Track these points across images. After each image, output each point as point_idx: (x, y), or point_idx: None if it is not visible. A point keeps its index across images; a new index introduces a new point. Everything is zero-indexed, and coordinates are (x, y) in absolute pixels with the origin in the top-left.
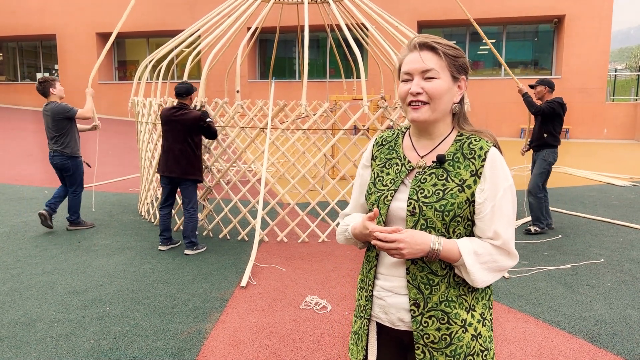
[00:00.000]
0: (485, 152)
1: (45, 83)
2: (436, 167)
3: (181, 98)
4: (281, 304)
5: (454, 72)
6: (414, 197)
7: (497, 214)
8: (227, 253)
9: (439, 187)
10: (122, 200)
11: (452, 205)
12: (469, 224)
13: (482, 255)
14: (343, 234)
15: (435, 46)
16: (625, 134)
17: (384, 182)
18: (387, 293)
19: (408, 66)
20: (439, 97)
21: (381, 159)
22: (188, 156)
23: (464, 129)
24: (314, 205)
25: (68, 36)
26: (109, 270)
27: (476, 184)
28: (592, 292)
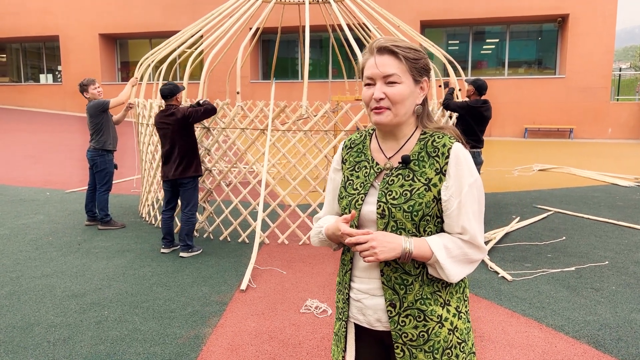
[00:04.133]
0: (449, 149)
1: (80, 86)
2: (402, 168)
3: (167, 100)
4: (281, 308)
5: (415, 75)
6: (383, 199)
7: (464, 210)
8: (227, 255)
9: (406, 187)
10: (123, 201)
11: (420, 205)
12: (439, 221)
13: (452, 249)
14: (317, 235)
15: (396, 50)
16: (630, 133)
17: (355, 186)
18: (363, 295)
19: (370, 71)
20: (401, 101)
21: (351, 162)
22: (187, 155)
23: (427, 127)
24: (315, 207)
25: (71, 37)
26: (108, 273)
27: (442, 182)
28: (597, 295)
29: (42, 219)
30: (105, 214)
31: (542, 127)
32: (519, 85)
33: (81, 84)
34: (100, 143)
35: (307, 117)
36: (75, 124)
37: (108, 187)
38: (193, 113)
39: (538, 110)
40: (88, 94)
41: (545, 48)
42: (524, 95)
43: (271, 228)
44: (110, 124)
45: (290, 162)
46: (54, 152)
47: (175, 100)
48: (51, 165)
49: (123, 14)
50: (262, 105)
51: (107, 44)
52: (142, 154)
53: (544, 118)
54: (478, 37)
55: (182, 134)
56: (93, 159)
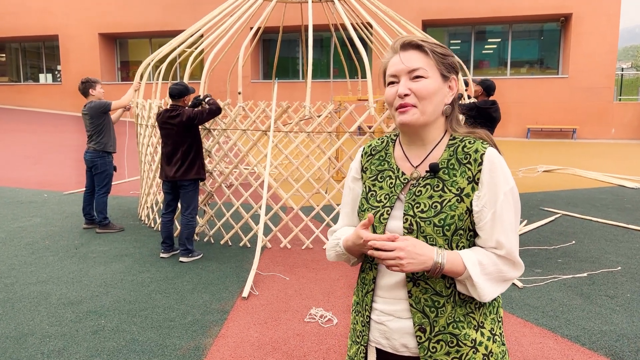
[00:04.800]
0: (482, 155)
1: (86, 83)
2: (430, 177)
3: (174, 99)
4: (284, 317)
5: (443, 70)
6: (410, 212)
7: (499, 222)
8: (228, 260)
9: (436, 199)
10: (121, 204)
11: (452, 218)
12: (472, 234)
13: (486, 265)
14: (334, 249)
15: (421, 44)
16: (633, 133)
17: (378, 198)
18: (387, 317)
19: (393, 68)
20: (429, 97)
21: (372, 171)
22: (188, 157)
23: (457, 132)
24: (319, 210)
25: (70, 37)
26: (105, 279)
27: (474, 191)
28: (612, 303)
29: (39, 222)
30: (104, 217)
31: (544, 127)
32: (521, 85)
33: (87, 81)
34: (101, 145)
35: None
36: (75, 124)
37: (107, 189)
38: (198, 115)
39: (541, 110)
40: (95, 91)
41: (548, 48)
42: (526, 95)
43: (273, 232)
44: (110, 125)
45: (292, 163)
46: (53, 153)
47: (182, 101)
48: (50, 166)
49: (123, 13)
50: (264, 106)
51: (107, 43)
52: (140, 155)
53: (546, 118)
54: (480, 36)
55: (186, 135)
56: (93, 161)
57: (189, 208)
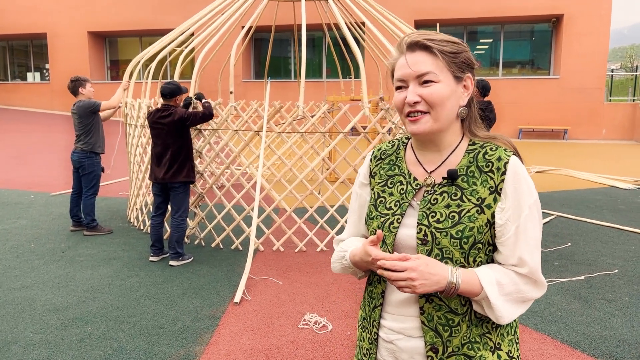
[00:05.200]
0: (505, 164)
1: (76, 82)
2: (448, 185)
3: (166, 99)
4: (278, 323)
5: (455, 71)
6: (424, 222)
7: (522, 237)
8: (219, 264)
9: (454, 208)
10: (110, 205)
11: (472, 230)
12: (491, 249)
13: (505, 285)
14: (340, 261)
15: (429, 44)
16: (623, 134)
17: (388, 205)
18: (397, 335)
19: (400, 72)
20: (441, 103)
21: (382, 176)
22: (180, 159)
23: (477, 136)
24: (312, 212)
25: (59, 35)
26: (92, 284)
27: (496, 203)
28: (610, 307)
29: (25, 224)
30: (92, 219)
31: (536, 127)
32: (513, 86)
33: (77, 80)
34: (89, 145)
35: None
36: (63, 124)
37: (95, 190)
38: (191, 117)
39: (532, 110)
40: (84, 89)
41: (540, 48)
42: (518, 95)
43: (266, 234)
44: (99, 125)
45: (285, 164)
46: (41, 153)
47: (174, 101)
48: (37, 167)
49: (112, 11)
50: (257, 106)
51: (96, 42)
52: (129, 155)
53: (538, 119)
54: (472, 36)
55: (176, 136)
56: (80, 161)
57: (179, 210)
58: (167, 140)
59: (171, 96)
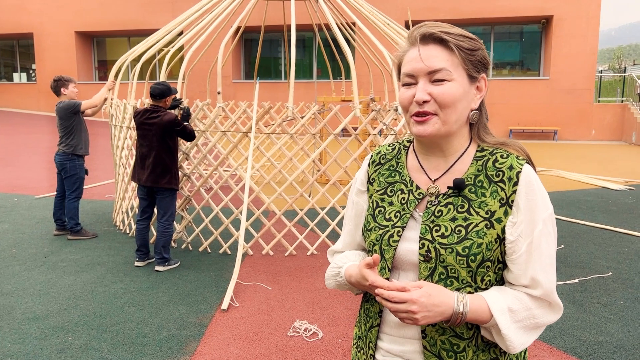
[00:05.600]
0: (517, 173)
1: (59, 82)
2: (454, 195)
3: (155, 100)
4: (267, 330)
5: (471, 70)
6: (428, 236)
7: (536, 255)
8: (207, 269)
9: (460, 222)
10: (96, 208)
11: (479, 247)
12: (500, 267)
13: (518, 311)
14: (334, 278)
15: (445, 38)
16: (612, 135)
17: (387, 215)
18: (395, 359)
19: (410, 66)
20: (452, 105)
21: (381, 183)
22: (164, 163)
23: (486, 142)
24: (302, 215)
25: (46, 35)
26: (75, 291)
27: (507, 216)
28: (605, 311)
29: (7, 228)
30: (76, 223)
31: (526, 128)
32: (503, 87)
33: (60, 80)
34: (71, 147)
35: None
36: (50, 125)
37: (78, 194)
38: (182, 125)
39: (523, 111)
40: (67, 90)
41: (529, 49)
42: (508, 96)
43: (255, 238)
44: (82, 126)
45: (275, 166)
46: (26, 155)
47: (163, 102)
48: (22, 169)
49: (100, 11)
50: (245, 107)
51: (84, 42)
52: (115, 157)
53: (528, 119)
54: None
55: (163, 140)
56: (62, 164)
57: (165, 215)
58: (153, 142)
59: (161, 97)
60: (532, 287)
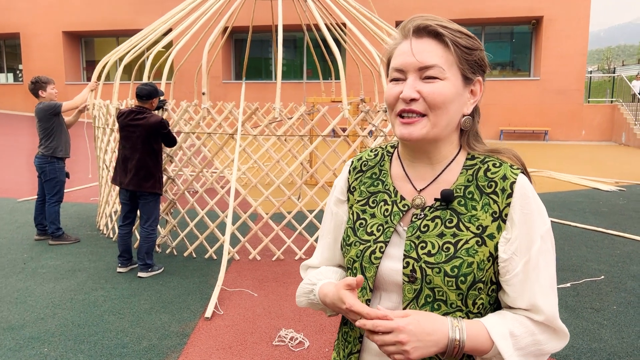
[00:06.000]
0: (511, 184)
1: (36, 84)
2: (441, 208)
3: (141, 101)
4: (251, 340)
5: (466, 70)
6: (413, 254)
7: (533, 276)
8: (191, 275)
9: (448, 238)
10: (80, 211)
11: (470, 267)
12: (494, 288)
13: (520, 337)
14: (306, 296)
15: (442, 32)
16: (602, 135)
17: (369, 229)
18: None
19: (401, 59)
20: (443, 106)
21: (362, 193)
22: (147, 166)
23: (476, 149)
24: (290, 218)
25: (33, 35)
26: (53, 299)
27: (500, 232)
28: (598, 317)
29: None
30: (57, 228)
31: (517, 129)
32: (493, 87)
33: (37, 81)
34: (50, 149)
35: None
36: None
37: (59, 197)
38: (167, 129)
39: (513, 112)
40: (45, 92)
41: (520, 50)
42: (499, 97)
43: (242, 242)
44: (62, 128)
45: (262, 169)
46: (10, 157)
47: (150, 103)
48: (5, 171)
49: (88, 11)
50: (231, 107)
51: (72, 42)
52: (98, 160)
53: (519, 120)
54: None
55: (147, 142)
56: (41, 167)
57: (149, 220)
58: (137, 144)
59: (148, 98)
60: (533, 311)
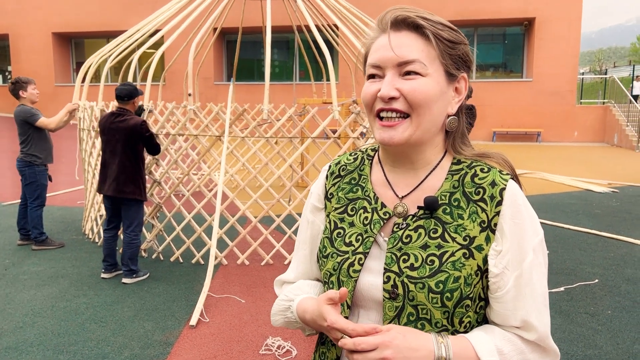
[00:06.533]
0: (501, 191)
1: (16, 84)
2: (425, 217)
3: (122, 102)
4: (237, 349)
5: (449, 66)
6: (394, 267)
7: (527, 291)
8: (177, 280)
9: (433, 250)
10: (66, 215)
11: (457, 282)
12: (482, 305)
13: (508, 355)
14: (282, 313)
15: (422, 24)
16: (594, 136)
17: (347, 239)
18: None
19: (377, 55)
20: (426, 105)
21: (340, 200)
22: (128, 171)
23: (462, 153)
24: (280, 222)
25: (22, 36)
26: (34, 307)
27: (489, 243)
28: (593, 322)
29: None
30: (40, 232)
31: (510, 130)
32: (486, 89)
33: (17, 82)
34: (29, 156)
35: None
36: None
37: (41, 201)
38: (149, 132)
39: (506, 113)
40: (26, 92)
41: (512, 51)
42: (491, 98)
43: (230, 247)
44: (41, 134)
45: (251, 171)
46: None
47: (131, 104)
48: None
49: (78, 11)
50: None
51: (61, 43)
52: (84, 163)
53: (512, 121)
54: None
55: (128, 145)
56: (21, 170)
57: (131, 225)
58: (117, 148)
59: (129, 98)
60: (524, 329)
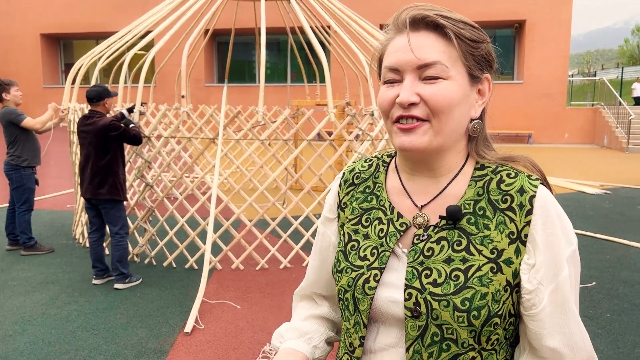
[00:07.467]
0: (531, 198)
1: (3, 85)
2: (448, 228)
3: (92, 104)
4: (234, 356)
5: (473, 67)
6: (416, 283)
7: (566, 308)
8: (171, 286)
9: (457, 264)
10: (56, 219)
11: (484, 299)
12: (511, 322)
13: None
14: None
15: (443, 23)
16: (584, 138)
17: (362, 253)
18: None
19: (395, 57)
20: (448, 110)
21: (354, 210)
22: (101, 172)
23: (486, 158)
24: (275, 226)
25: (10, 37)
26: (23, 315)
27: (520, 256)
28: (592, 325)
29: None
30: (28, 237)
31: (501, 132)
32: None
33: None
34: (15, 159)
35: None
36: None
37: (29, 206)
38: (120, 129)
39: (497, 115)
40: (9, 95)
41: (503, 53)
42: None
43: (224, 251)
44: (28, 137)
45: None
46: None
47: (102, 105)
48: None
49: (67, 13)
50: (212, 111)
51: (50, 44)
52: (74, 166)
53: (503, 123)
54: None
55: (99, 148)
56: (8, 174)
57: (115, 227)
58: (90, 150)
59: (98, 99)
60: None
